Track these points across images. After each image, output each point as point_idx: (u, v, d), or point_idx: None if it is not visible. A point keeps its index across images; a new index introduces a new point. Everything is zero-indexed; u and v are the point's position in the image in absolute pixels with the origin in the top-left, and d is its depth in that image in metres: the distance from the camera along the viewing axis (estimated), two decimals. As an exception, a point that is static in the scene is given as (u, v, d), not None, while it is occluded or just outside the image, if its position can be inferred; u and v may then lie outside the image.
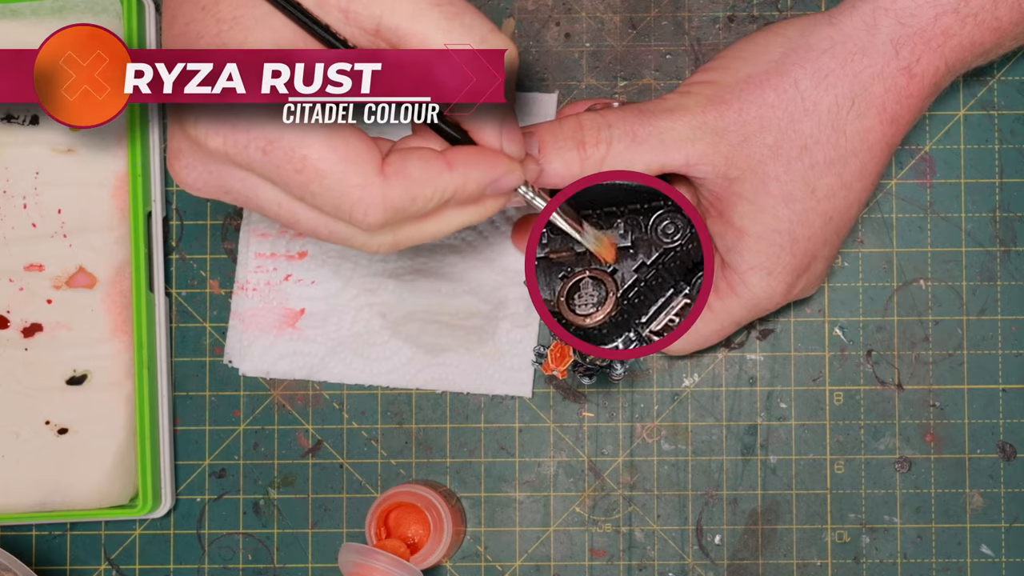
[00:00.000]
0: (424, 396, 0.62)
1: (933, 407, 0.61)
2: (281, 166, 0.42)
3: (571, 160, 0.48)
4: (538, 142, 0.49)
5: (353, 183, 0.42)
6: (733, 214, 0.50)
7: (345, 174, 0.42)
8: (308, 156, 0.42)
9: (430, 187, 0.43)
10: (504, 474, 0.62)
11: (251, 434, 0.62)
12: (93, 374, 0.60)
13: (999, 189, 0.61)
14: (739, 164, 0.49)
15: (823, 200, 0.49)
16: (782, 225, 0.49)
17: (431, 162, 0.43)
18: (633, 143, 0.48)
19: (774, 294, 0.51)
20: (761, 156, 0.49)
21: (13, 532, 0.62)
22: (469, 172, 0.44)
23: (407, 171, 0.43)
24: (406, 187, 0.43)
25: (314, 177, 0.42)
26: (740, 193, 0.49)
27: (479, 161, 0.44)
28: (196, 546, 0.62)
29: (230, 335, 0.62)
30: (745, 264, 0.51)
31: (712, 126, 0.48)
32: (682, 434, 0.61)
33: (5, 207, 0.60)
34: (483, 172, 0.44)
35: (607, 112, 0.49)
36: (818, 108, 0.48)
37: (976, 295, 0.61)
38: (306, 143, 0.42)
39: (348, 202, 0.42)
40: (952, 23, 0.48)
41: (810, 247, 0.50)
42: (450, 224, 0.46)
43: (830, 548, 0.61)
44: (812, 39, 0.49)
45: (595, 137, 0.48)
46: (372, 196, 0.42)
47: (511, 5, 0.62)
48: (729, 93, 0.49)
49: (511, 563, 0.61)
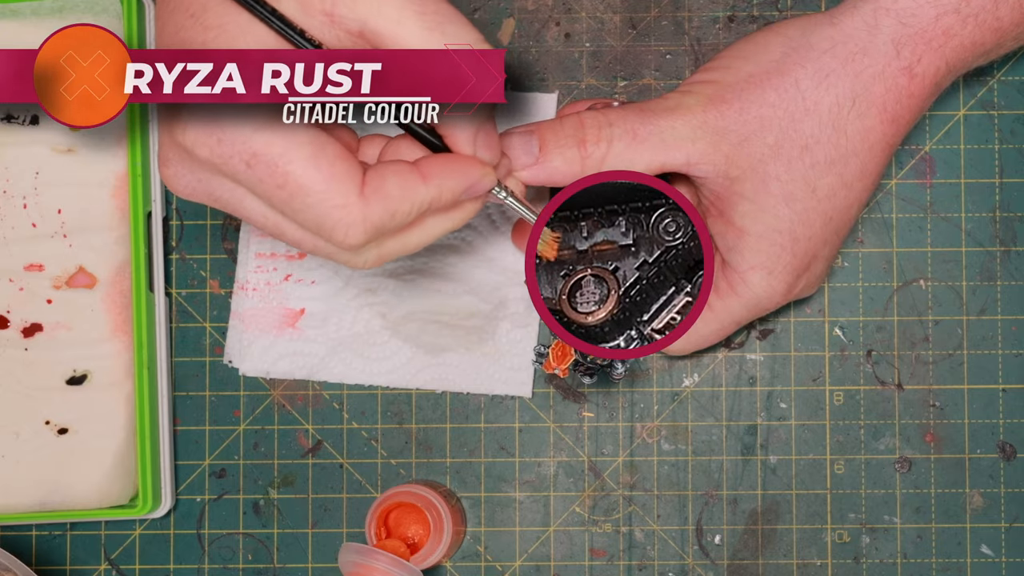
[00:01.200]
0: (424, 396, 0.62)
1: (933, 407, 0.61)
2: (264, 180, 0.42)
3: (572, 158, 0.49)
4: (539, 140, 0.49)
5: (334, 203, 0.42)
6: (734, 213, 0.50)
7: (327, 193, 0.42)
8: (291, 172, 0.42)
9: (407, 202, 0.43)
10: (504, 474, 0.62)
11: (251, 434, 0.62)
12: (93, 374, 0.60)
13: (999, 189, 0.61)
14: (740, 163, 0.49)
15: (824, 200, 0.49)
16: (783, 225, 0.49)
17: (407, 177, 0.43)
18: (634, 142, 0.48)
19: (774, 293, 0.51)
20: (762, 155, 0.49)
21: (13, 532, 0.62)
22: (444, 182, 0.44)
23: (385, 189, 0.43)
24: (385, 205, 0.43)
25: (296, 194, 0.42)
26: (741, 192, 0.49)
27: (452, 170, 0.44)
28: (196, 546, 0.62)
29: (230, 335, 0.62)
30: (746, 263, 0.51)
31: (713, 125, 0.48)
32: (682, 434, 0.61)
33: (5, 207, 0.60)
34: (457, 180, 0.44)
35: (608, 111, 0.49)
36: (819, 108, 0.48)
37: (976, 295, 0.61)
38: (289, 158, 0.42)
39: (329, 222, 0.42)
40: (953, 23, 0.48)
41: (811, 247, 0.50)
42: (432, 232, 0.46)
43: (830, 548, 0.61)
44: (813, 39, 0.49)
45: (596, 136, 0.48)
46: (352, 216, 0.42)
47: (511, 5, 0.62)
48: (730, 92, 0.49)
49: (511, 563, 0.61)
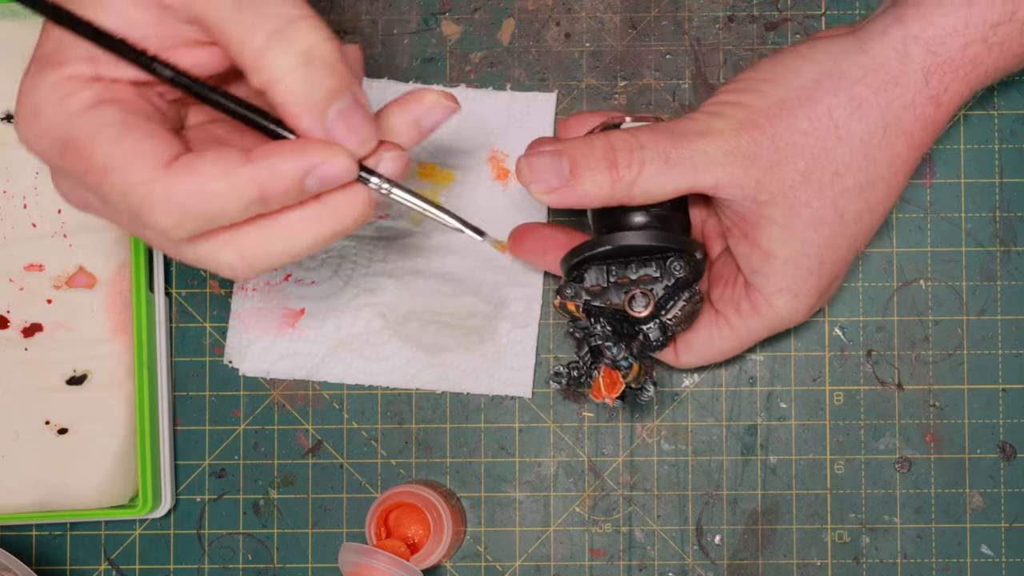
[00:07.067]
0: (424, 396, 0.62)
1: (933, 407, 0.61)
2: (75, 167, 0.40)
3: (603, 183, 0.47)
4: (569, 162, 0.48)
5: (136, 179, 0.39)
6: (761, 237, 0.50)
7: (127, 171, 0.39)
8: (94, 154, 0.39)
9: (223, 181, 0.39)
10: (504, 474, 0.62)
11: (251, 434, 0.62)
12: (93, 374, 0.60)
13: (999, 189, 0.61)
14: (770, 188, 0.48)
15: (850, 224, 0.50)
16: (810, 249, 0.49)
17: (224, 154, 0.40)
18: (665, 165, 0.48)
19: (797, 315, 0.52)
20: (792, 181, 0.48)
21: (13, 532, 0.62)
22: (273, 161, 0.40)
23: (196, 165, 0.39)
24: (193, 181, 0.39)
25: (101, 175, 0.39)
26: (770, 217, 0.49)
27: (285, 147, 0.40)
28: (196, 546, 0.62)
29: (230, 335, 0.62)
30: (772, 287, 0.51)
31: (745, 151, 0.48)
32: (682, 434, 0.61)
33: (5, 207, 0.60)
34: (290, 160, 0.40)
35: (638, 132, 0.48)
36: (851, 137, 0.48)
37: (976, 295, 0.61)
38: (94, 140, 0.39)
39: (135, 200, 0.39)
40: (980, 52, 0.48)
41: (835, 269, 0.51)
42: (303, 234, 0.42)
43: (830, 548, 0.61)
44: (844, 66, 0.49)
45: (628, 159, 0.47)
46: (156, 193, 0.39)
47: (511, 5, 0.62)
48: (763, 118, 0.48)
49: (511, 563, 0.61)
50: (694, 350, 0.54)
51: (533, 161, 0.48)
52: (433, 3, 0.62)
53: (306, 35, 0.39)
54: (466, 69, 0.62)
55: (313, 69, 0.40)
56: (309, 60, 0.39)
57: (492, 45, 0.62)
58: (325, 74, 0.40)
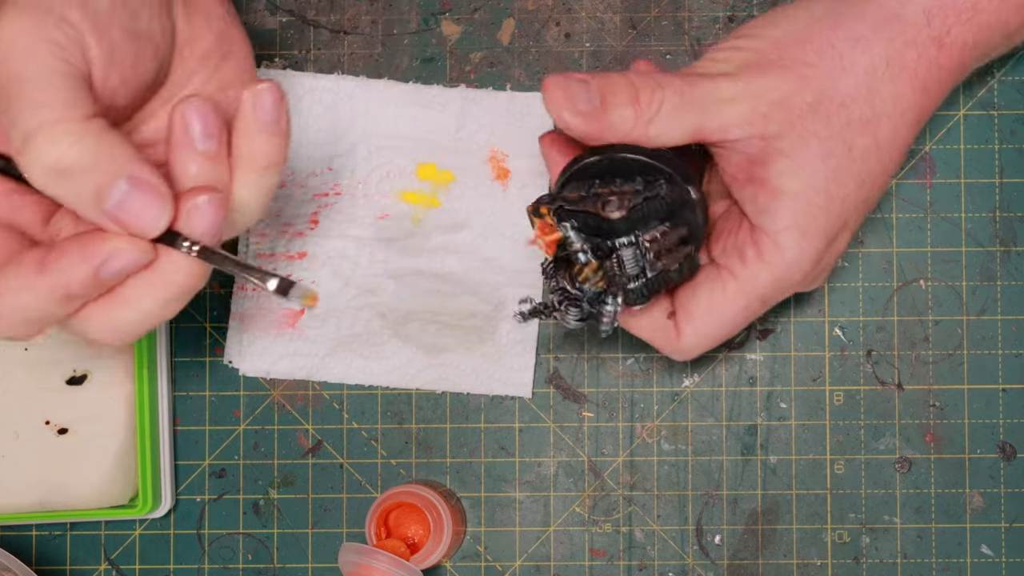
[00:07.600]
0: (424, 396, 0.62)
1: (933, 407, 0.61)
2: None
3: (628, 117, 0.48)
4: (599, 94, 0.48)
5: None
6: (769, 173, 0.49)
7: None
8: None
9: (28, 293, 0.40)
10: (504, 474, 0.62)
11: (251, 434, 0.62)
12: (93, 374, 0.60)
13: (999, 189, 0.61)
14: (778, 119, 0.48)
15: (858, 160, 0.49)
16: (819, 182, 0.49)
17: (18, 269, 0.41)
18: (681, 103, 0.48)
19: (804, 259, 0.50)
20: (801, 112, 0.49)
21: (13, 532, 0.62)
22: (62, 267, 0.40)
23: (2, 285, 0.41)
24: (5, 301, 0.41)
25: None
26: (780, 149, 0.49)
27: (70, 251, 0.40)
28: (196, 546, 0.62)
29: (230, 335, 0.62)
30: (779, 223, 0.49)
31: (753, 88, 0.48)
32: (682, 434, 0.61)
33: (5, 207, 0.60)
34: (78, 262, 0.40)
35: (655, 74, 0.49)
36: (855, 68, 0.49)
37: (976, 295, 0.61)
38: None
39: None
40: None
41: (843, 210, 0.50)
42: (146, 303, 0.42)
43: (830, 548, 0.61)
44: (841, 6, 0.49)
45: (649, 96, 0.48)
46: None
47: (511, 5, 0.62)
48: (767, 57, 0.49)
49: (511, 563, 0.61)
50: (695, 320, 0.52)
51: (562, 81, 0.48)
52: (433, 3, 0.62)
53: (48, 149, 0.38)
54: (466, 69, 0.62)
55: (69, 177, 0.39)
56: (60, 172, 0.39)
57: (492, 45, 0.62)
58: (85, 178, 0.39)
